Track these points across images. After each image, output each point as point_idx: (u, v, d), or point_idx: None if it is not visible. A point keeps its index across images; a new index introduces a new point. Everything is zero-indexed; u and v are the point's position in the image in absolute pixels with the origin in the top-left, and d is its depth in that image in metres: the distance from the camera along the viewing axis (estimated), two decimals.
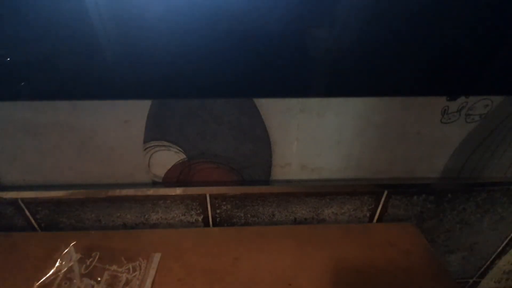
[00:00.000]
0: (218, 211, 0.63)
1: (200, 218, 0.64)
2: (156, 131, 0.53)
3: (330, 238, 0.60)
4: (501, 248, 0.75)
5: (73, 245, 0.56)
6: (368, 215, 0.66)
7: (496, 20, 0.34)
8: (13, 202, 0.59)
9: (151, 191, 0.58)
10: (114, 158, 0.55)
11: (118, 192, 0.58)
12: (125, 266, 0.53)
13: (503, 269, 0.81)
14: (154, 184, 0.59)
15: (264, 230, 0.62)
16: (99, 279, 0.50)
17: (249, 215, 0.64)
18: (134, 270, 0.52)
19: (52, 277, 0.51)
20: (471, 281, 0.83)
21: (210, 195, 0.61)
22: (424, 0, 0.32)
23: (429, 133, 0.55)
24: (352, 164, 0.58)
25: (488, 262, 0.78)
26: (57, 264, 0.53)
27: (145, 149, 0.55)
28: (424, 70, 0.38)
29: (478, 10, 0.33)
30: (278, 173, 0.59)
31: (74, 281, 0.50)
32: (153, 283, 0.50)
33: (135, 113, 0.51)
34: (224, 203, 0.62)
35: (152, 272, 0.52)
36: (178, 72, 0.37)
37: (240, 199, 0.62)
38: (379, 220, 0.67)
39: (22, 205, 0.60)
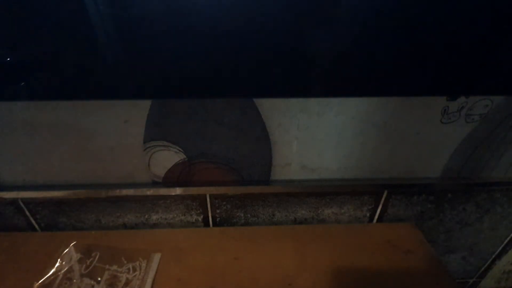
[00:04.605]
0: (218, 211, 0.63)
1: (200, 218, 0.64)
2: (156, 131, 0.53)
3: (330, 238, 0.60)
4: (501, 248, 0.75)
5: (73, 245, 0.56)
6: (368, 215, 0.66)
7: (496, 20, 0.34)
8: (13, 202, 0.59)
9: (151, 191, 0.58)
10: (114, 158, 0.55)
11: (118, 192, 0.58)
12: (125, 266, 0.53)
13: (503, 269, 0.81)
14: (154, 184, 0.59)
15: (264, 230, 0.62)
16: (99, 279, 0.50)
17: (249, 215, 0.64)
18: (134, 270, 0.52)
19: (52, 277, 0.51)
20: (471, 281, 0.83)
21: (210, 195, 0.61)
22: (424, 0, 0.32)
23: (429, 133, 0.55)
24: (352, 164, 0.58)
25: (488, 262, 0.78)
26: (57, 264, 0.53)
27: (145, 149, 0.55)
28: (424, 70, 0.38)
29: (478, 10, 0.33)
30: (278, 173, 0.59)
31: (74, 281, 0.50)
32: (153, 283, 0.50)
33: (135, 113, 0.51)
34: (224, 203, 0.62)
35: (152, 272, 0.52)
36: (178, 72, 0.37)
37: (240, 199, 0.62)
38: (379, 220, 0.67)
39: (22, 205, 0.60)
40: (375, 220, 0.67)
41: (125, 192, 0.58)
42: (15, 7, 0.31)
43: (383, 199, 0.63)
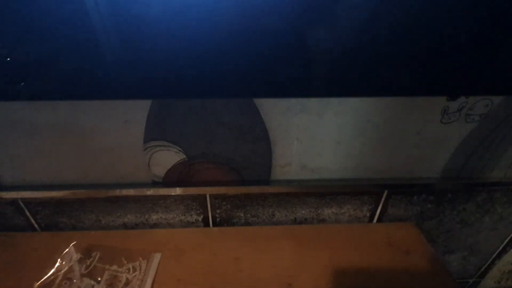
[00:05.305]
0: (218, 211, 0.63)
1: (200, 218, 0.64)
2: (156, 131, 0.53)
3: (330, 238, 0.60)
4: (501, 248, 0.75)
5: (73, 245, 0.56)
6: (368, 215, 0.66)
7: (496, 20, 0.34)
8: (13, 202, 0.59)
9: (151, 191, 0.58)
10: (114, 158, 0.55)
11: (118, 192, 0.58)
12: (125, 266, 0.53)
13: (503, 269, 0.81)
14: (154, 184, 0.59)
15: (264, 230, 0.62)
16: (99, 279, 0.50)
17: (249, 215, 0.64)
18: (134, 270, 0.52)
19: (52, 277, 0.51)
20: (471, 281, 0.83)
21: (210, 195, 0.61)
22: (424, 0, 0.32)
23: (429, 133, 0.55)
24: (352, 164, 0.58)
25: (488, 262, 0.78)
26: (57, 264, 0.53)
27: (145, 149, 0.55)
28: (424, 70, 0.38)
29: (478, 10, 0.33)
30: (278, 173, 0.59)
31: (74, 281, 0.50)
32: (153, 283, 0.50)
33: (135, 113, 0.51)
34: (224, 203, 0.62)
35: (152, 272, 0.52)
36: (178, 72, 0.37)
37: (240, 199, 0.62)
38: (379, 220, 0.67)
39: (22, 205, 0.60)
40: (375, 220, 0.67)
41: (125, 192, 0.58)
42: (15, 6, 0.31)
43: (383, 199, 0.63)
